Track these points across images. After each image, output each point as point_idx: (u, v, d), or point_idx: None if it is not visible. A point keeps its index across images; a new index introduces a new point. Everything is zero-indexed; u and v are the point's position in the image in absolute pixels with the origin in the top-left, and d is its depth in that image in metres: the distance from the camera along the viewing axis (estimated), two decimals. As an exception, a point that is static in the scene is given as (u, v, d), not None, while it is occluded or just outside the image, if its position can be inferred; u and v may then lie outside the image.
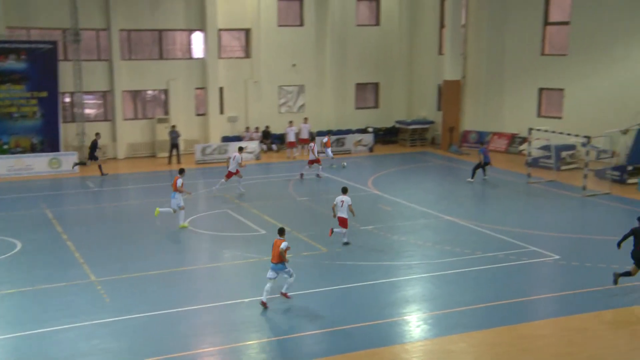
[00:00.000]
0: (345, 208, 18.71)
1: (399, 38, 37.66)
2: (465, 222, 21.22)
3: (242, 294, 15.47)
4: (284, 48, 35.46)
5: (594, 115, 30.09)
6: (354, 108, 37.53)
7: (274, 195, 25.25)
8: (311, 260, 17.76)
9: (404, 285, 15.95)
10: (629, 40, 29.12)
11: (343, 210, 18.75)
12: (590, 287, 15.64)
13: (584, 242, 19.47)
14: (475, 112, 35.55)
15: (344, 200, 18.76)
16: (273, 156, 33.64)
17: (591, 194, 24.42)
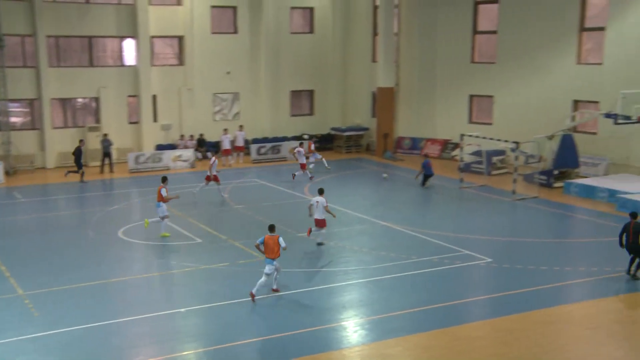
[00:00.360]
0: (320, 209, 18.98)
1: (333, 46, 37.95)
2: (401, 227, 21.49)
3: (179, 303, 15.23)
4: (218, 55, 35.22)
5: (522, 121, 31.00)
6: (289, 115, 37.58)
7: (210, 203, 24.99)
8: (247, 268, 17.64)
9: (341, 291, 16.02)
10: (551, 50, 30.14)
11: (319, 211, 19.03)
12: (520, 289, 16.05)
13: (515, 244, 19.99)
14: (409, 119, 36.11)
15: (319, 201, 19.09)
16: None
17: (520, 198, 25.12)
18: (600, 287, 16.21)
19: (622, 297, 15.50)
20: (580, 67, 29.23)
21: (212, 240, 20.12)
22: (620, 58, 27.50)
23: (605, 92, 27.52)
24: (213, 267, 17.75)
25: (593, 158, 28.38)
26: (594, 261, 18.00)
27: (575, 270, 17.33)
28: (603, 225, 21.73)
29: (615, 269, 17.32)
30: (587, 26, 29.23)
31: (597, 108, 27.94)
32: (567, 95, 29.54)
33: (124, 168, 31.60)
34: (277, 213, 23.32)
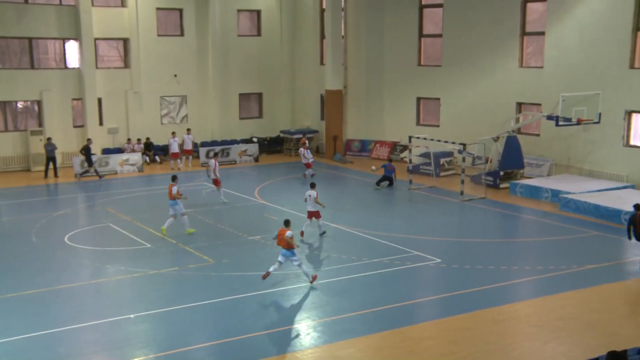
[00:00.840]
0: (312, 201, 20.22)
1: (281, 49, 37.97)
2: (351, 229, 21.62)
3: (128, 309, 14.99)
4: (164, 58, 34.83)
5: (468, 123, 31.59)
6: (238, 118, 37.41)
7: (159, 207, 24.67)
8: (198, 272, 17.50)
9: (293, 294, 16.03)
10: (495, 54, 30.81)
11: (311, 203, 20.28)
12: (469, 288, 16.34)
13: (463, 245, 20.35)
14: (358, 121, 36.39)
15: (311, 195, 20.33)
16: (156, 168, 32.92)
17: (468, 199, 25.58)
18: (544, 285, 16.63)
19: (564, 295, 15.93)
20: (523, 70, 29.97)
21: (161, 245, 19.88)
22: (560, 62, 28.30)
23: (547, 94, 28.27)
24: (163, 272, 17.54)
25: (537, 159, 29.12)
26: (539, 260, 18.46)
27: (522, 269, 17.74)
28: (547, 224, 22.31)
29: (559, 267, 17.80)
30: (528, 30, 29.99)
31: (540, 110, 28.68)
32: (510, 98, 30.24)
33: (69, 172, 30.94)
34: (228, 216, 23.20)
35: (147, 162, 33.19)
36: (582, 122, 24.91)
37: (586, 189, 24.92)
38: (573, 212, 23.31)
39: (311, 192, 20.45)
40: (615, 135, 26.48)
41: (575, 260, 18.31)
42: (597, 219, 22.42)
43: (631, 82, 25.88)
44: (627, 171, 26.10)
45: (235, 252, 19.28)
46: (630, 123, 26.37)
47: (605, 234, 20.93)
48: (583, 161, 27.75)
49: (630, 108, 26.10)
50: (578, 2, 27.52)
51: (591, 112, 24.94)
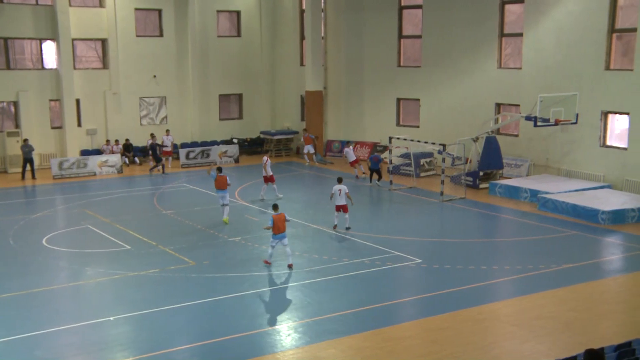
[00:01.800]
0: (343, 196, 21.12)
1: (261, 49, 37.92)
2: (332, 230, 21.63)
3: (107, 312, 14.88)
4: (143, 59, 34.61)
5: (447, 124, 31.76)
6: (218, 119, 37.29)
7: (138, 209, 24.55)
8: (179, 273, 17.42)
9: (274, 295, 16.02)
10: (474, 55, 31.00)
11: (342, 198, 21.15)
12: (449, 288, 16.44)
13: (443, 245, 20.46)
14: (338, 122, 36.44)
15: (341, 189, 21.16)
16: (136, 169, 32.70)
17: (448, 199, 25.72)
18: (523, 284, 16.77)
19: (542, 294, 16.07)
20: (501, 71, 30.20)
21: (141, 247, 19.76)
22: (538, 63, 28.55)
23: (525, 95, 28.50)
24: (143, 274, 17.44)
25: (516, 159, 29.35)
26: (518, 260, 18.61)
27: (501, 269, 17.87)
28: (526, 224, 22.50)
29: (537, 266, 17.96)
30: (506, 32, 30.22)
31: (518, 111, 28.91)
32: (489, 99, 30.45)
33: (47, 174, 30.65)
34: (208, 218, 23.12)
35: (126, 164, 32.96)
36: (560, 123, 25.16)
37: (564, 188, 25.17)
38: (551, 211, 23.53)
39: (341, 186, 21.29)
40: (592, 135, 26.77)
41: (553, 260, 18.49)
42: (575, 218, 22.65)
43: (607, 83, 26.19)
44: (603, 171, 26.40)
45: (216, 253, 19.22)
46: (607, 123, 26.67)
47: (583, 234, 21.15)
48: (561, 161, 28.02)
49: (606, 109, 26.40)
50: (555, 4, 27.80)
51: (569, 113, 25.19)
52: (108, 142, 33.44)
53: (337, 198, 21.30)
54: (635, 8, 25.57)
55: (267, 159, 25.88)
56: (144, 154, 34.15)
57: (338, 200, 21.31)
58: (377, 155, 28.23)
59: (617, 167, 25.91)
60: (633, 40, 25.44)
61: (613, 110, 26.32)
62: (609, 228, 21.67)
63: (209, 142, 35.59)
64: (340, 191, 21.28)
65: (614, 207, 22.40)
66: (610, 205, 22.51)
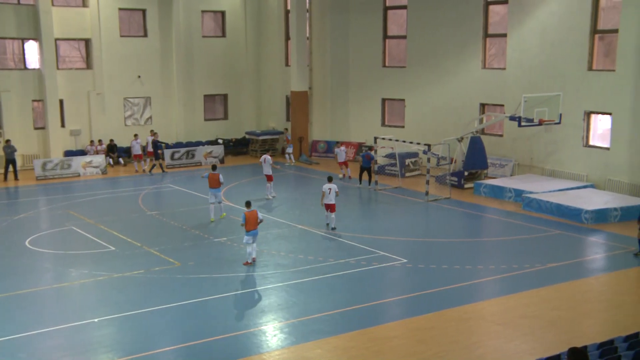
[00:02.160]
0: (333, 194, 21.28)
1: (246, 50, 37.86)
2: (318, 230, 21.66)
3: (92, 313, 14.80)
4: (127, 59, 34.45)
5: (432, 124, 31.88)
6: (203, 120, 37.19)
7: (123, 210, 24.42)
8: (164, 274, 17.36)
9: (259, 296, 16.01)
10: (458, 55, 31.14)
11: (331, 197, 21.29)
12: (435, 288, 16.51)
13: (429, 245, 20.53)
14: (323, 122, 36.46)
15: (332, 188, 21.36)
16: (120, 170, 32.54)
17: (433, 199, 25.81)
18: (508, 284, 16.87)
19: (527, 293, 16.18)
20: (486, 71, 30.36)
21: (126, 248, 19.67)
22: (522, 63, 28.72)
23: (510, 95, 28.68)
24: (127, 275, 17.36)
25: (500, 159, 29.52)
26: (503, 259, 18.72)
27: (486, 268, 17.97)
28: (511, 224, 22.64)
29: (522, 266, 18.08)
30: (490, 32, 30.38)
31: (503, 111, 29.08)
32: (474, 99, 30.60)
33: (30, 175, 30.43)
34: (193, 219, 23.06)
35: (110, 164, 32.79)
36: (544, 123, 25.34)
37: (548, 188, 25.34)
38: (535, 211, 23.69)
39: (331, 185, 21.49)
40: (576, 135, 26.98)
41: (538, 259, 18.61)
42: (559, 218, 22.82)
43: (590, 84, 26.41)
44: (586, 171, 26.62)
45: (201, 254, 19.17)
46: (590, 124, 26.89)
47: (567, 233, 21.31)
48: (545, 161, 28.22)
49: (589, 109, 26.62)
50: (538, 4, 27.98)
51: (552, 113, 25.38)
52: (92, 143, 33.24)
53: (327, 197, 21.49)
54: (617, 9, 25.82)
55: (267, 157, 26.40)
56: (128, 154, 34.00)
57: (328, 199, 21.49)
58: (369, 153, 28.07)
59: (600, 166, 26.14)
60: (615, 41, 25.69)
61: (596, 111, 26.54)
62: (592, 227, 21.86)
63: (193, 143, 35.48)
64: (331, 190, 21.47)
65: (596, 206, 22.60)
66: (593, 205, 22.71)
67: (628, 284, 17.22)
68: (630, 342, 10.88)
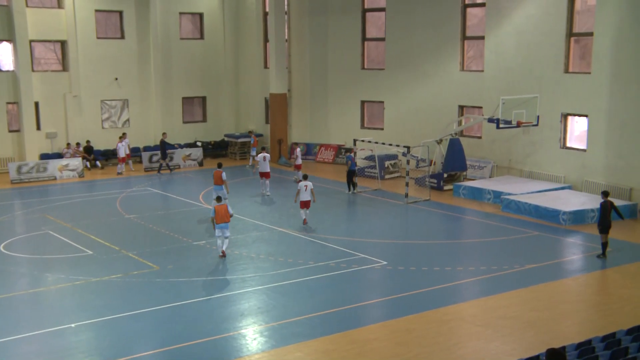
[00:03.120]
0: (308, 192, 22.13)
1: (224, 52, 37.74)
2: (297, 232, 21.64)
3: (69, 318, 14.64)
4: (104, 61, 34.17)
5: (411, 126, 31.99)
6: (182, 122, 36.99)
7: (100, 213, 24.21)
8: (142, 278, 17.23)
9: (239, 299, 15.95)
10: (437, 57, 31.26)
11: (307, 194, 22.10)
12: (415, 289, 16.55)
13: (408, 247, 20.60)
14: (303, 125, 36.45)
15: (307, 185, 22.19)
16: (97, 173, 32.25)
17: (413, 201, 25.90)
18: (488, 285, 16.97)
19: (506, 294, 16.29)
20: (464, 74, 30.54)
21: (104, 252, 19.49)
22: (499, 65, 28.94)
23: (488, 97, 28.88)
24: (105, 280, 17.20)
25: (479, 161, 29.70)
26: (482, 261, 18.83)
27: (466, 270, 18.06)
28: (490, 225, 22.78)
29: (501, 267, 18.20)
30: (468, 35, 30.57)
31: (481, 113, 29.28)
32: (453, 101, 30.76)
33: (4, 179, 30.06)
34: (172, 222, 22.93)
35: (87, 168, 32.48)
36: (522, 125, 25.54)
37: (526, 190, 25.55)
38: (514, 212, 23.88)
39: (307, 182, 22.34)
40: (553, 137, 27.24)
41: (517, 260, 18.75)
42: (537, 219, 23.02)
43: (566, 86, 26.68)
44: (564, 172, 26.88)
45: (180, 257, 19.06)
46: (566, 125, 27.14)
47: (545, 234, 21.50)
48: (523, 163, 28.45)
49: (566, 111, 26.88)
50: (515, 7, 28.22)
51: (530, 115, 25.58)
52: (69, 146, 32.90)
53: (303, 194, 22.10)
54: (591, 13, 26.13)
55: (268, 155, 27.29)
56: (105, 157, 33.72)
57: (303, 195, 22.11)
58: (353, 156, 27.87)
59: (577, 168, 26.41)
60: (590, 44, 25.99)
61: (572, 113, 26.81)
62: (570, 228, 22.08)
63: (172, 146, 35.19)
64: (307, 187, 22.14)
65: (574, 207, 22.83)
66: (571, 206, 22.94)
67: (604, 285, 17.43)
68: (607, 342, 11.00)
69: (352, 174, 27.49)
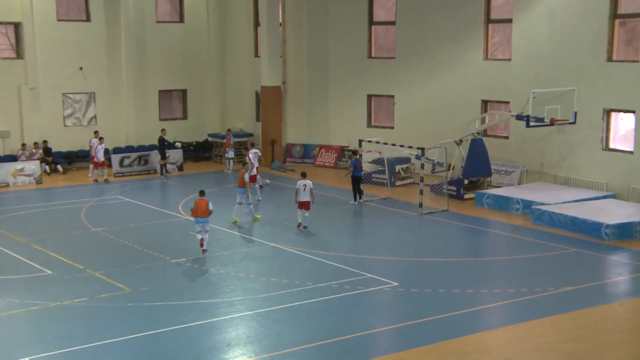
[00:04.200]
0: (307, 192, 23.05)
1: (208, 38, 37.79)
2: (293, 248, 21.58)
3: (23, 351, 14.54)
4: (67, 47, 34.17)
5: (427, 125, 31.97)
6: (158, 119, 36.97)
7: (62, 226, 24.15)
8: (112, 302, 17.15)
9: (225, 326, 15.87)
10: (457, 44, 31.27)
11: (306, 194, 23.07)
12: (431, 316, 16.46)
13: (423, 265, 20.53)
14: (300, 123, 36.43)
15: (306, 184, 23.12)
16: (58, 179, 32.18)
17: (428, 212, 25.84)
18: (517, 311, 16.88)
19: (539, 321, 16.19)
20: (488, 63, 30.54)
21: (65, 271, 19.42)
22: (530, 53, 28.91)
23: (516, 91, 28.85)
24: (67, 304, 17.12)
25: (506, 165, 29.67)
26: (510, 282, 18.75)
27: (491, 292, 17.98)
28: (519, 240, 22.72)
29: (533, 289, 18.11)
30: (493, 17, 30.59)
31: (508, 109, 29.25)
32: (475, 95, 30.76)
33: (-50, 185, 30.06)
34: (147, 236, 22.89)
35: (46, 172, 32.42)
36: (556, 123, 25.46)
37: (562, 199, 25.48)
38: (547, 225, 23.80)
39: (306, 181, 23.28)
40: (593, 137, 27.20)
41: (551, 282, 18.67)
42: (575, 233, 22.93)
43: (609, 77, 26.65)
44: (606, 178, 26.83)
45: (155, 278, 19.00)
46: (610, 123, 27.11)
47: (585, 251, 21.42)
48: (558, 167, 28.40)
49: (609, 106, 26.85)
50: (549, -15, 28.24)
51: (566, 111, 25.51)
52: (24, 147, 32.85)
53: (301, 194, 23.01)
54: (640, -9, 26.14)
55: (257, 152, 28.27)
56: (68, 160, 33.68)
57: (302, 196, 23.02)
58: (360, 160, 27.65)
59: (622, 173, 26.37)
60: (638, 27, 25.95)
61: (617, 108, 26.78)
62: (614, 244, 21.99)
63: (147, 147, 35.21)
64: (305, 187, 23.03)
65: (619, 219, 22.75)
66: (615, 218, 22.86)
67: (656, 310, 17.35)
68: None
69: (358, 180, 27.40)
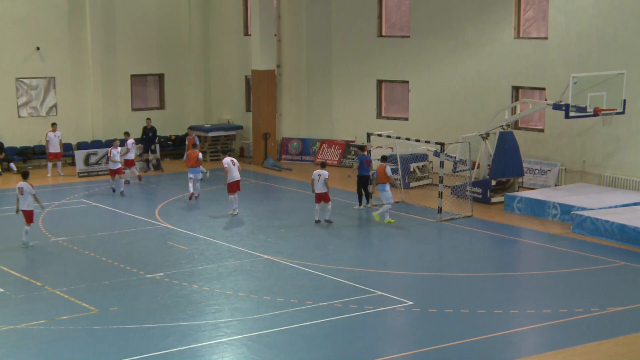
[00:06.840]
0: (322, 182, 24.36)
1: (189, 13, 37.85)
2: (290, 261, 21.61)
3: (-28, 382, 14.59)
4: (20, 24, 34.23)
5: (447, 115, 32.01)
6: (131, 109, 37.06)
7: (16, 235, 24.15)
8: (75, 325, 17.17)
9: (209, 353, 15.89)
10: (483, 20, 31.24)
11: (320, 184, 24.40)
12: (452, 341, 16.45)
13: (443, 281, 20.54)
14: (297, 113, 36.46)
15: (321, 174, 24.45)
16: (11, 179, 32.20)
17: (449, 218, 25.86)
18: (554, 335, 16.88)
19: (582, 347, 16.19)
20: (521, 42, 30.56)
21: (20, 289, 19.46)
22: (570, 30, 28.88)
23: (553, 75, 28.87)
24: (22, 328, 17.13)
25: (541, 163, 29.67)
26: (545, 301, 18.76)
27: (523, 313, 17.98)
28: (556, 252, 22.73)
29: (573, 310, 18.11)
30: (526, -12, 30.71)
31: (544, 97, 29.25)
32: (504, 80, 30.78)
33: None
34: (117, 247, 22.95)
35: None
36: (601, 113, 25.47)
37: (607, 203, 25.49)
38: (590, 234, 23.80)
39: (322, 171, 24.57)
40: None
41: (595, 301, 18.65)
42: (623, 243, 22.93)
43: (665, 59, 26.70)
44: (660, 179, 26.90)
45: (127, 296, 19.02)
46: (665, 114, 27.17)
47: (635, 264, 21.43)
48: (603, 165, 28.41)
49: (664, 93, 26.89)
50: (592, -50, 28.26)
51: (613, 100, 25.52)
52: (-27, 142, 33.01)
53: (316, 184, 24.48)
54: None
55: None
56: (24, 157, 33.72)
57: (317, 187, 24.50)
58: (368, 157, 27.71)
59: (678, 173, 26.41)
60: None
61: (673, 96, 26.81)
62: (669, 256, 22.04)
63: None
64: (320, 176, 24.48)
65: (674, 227, 22.77)
66: (671, 226, 22.89)
67: None
68: None
69: (365, 181, 27.38)
